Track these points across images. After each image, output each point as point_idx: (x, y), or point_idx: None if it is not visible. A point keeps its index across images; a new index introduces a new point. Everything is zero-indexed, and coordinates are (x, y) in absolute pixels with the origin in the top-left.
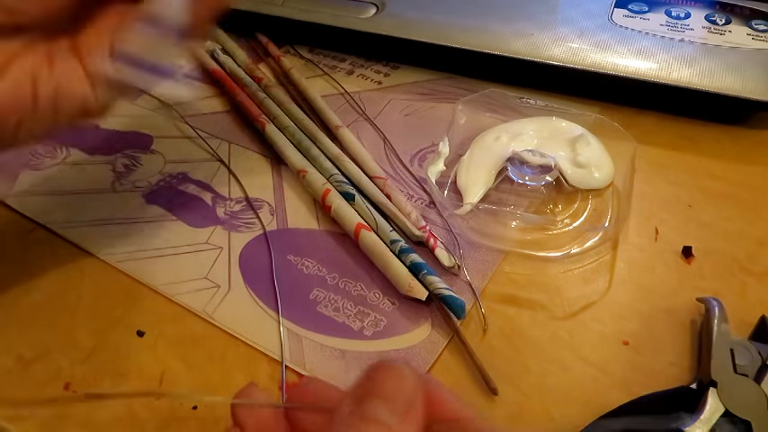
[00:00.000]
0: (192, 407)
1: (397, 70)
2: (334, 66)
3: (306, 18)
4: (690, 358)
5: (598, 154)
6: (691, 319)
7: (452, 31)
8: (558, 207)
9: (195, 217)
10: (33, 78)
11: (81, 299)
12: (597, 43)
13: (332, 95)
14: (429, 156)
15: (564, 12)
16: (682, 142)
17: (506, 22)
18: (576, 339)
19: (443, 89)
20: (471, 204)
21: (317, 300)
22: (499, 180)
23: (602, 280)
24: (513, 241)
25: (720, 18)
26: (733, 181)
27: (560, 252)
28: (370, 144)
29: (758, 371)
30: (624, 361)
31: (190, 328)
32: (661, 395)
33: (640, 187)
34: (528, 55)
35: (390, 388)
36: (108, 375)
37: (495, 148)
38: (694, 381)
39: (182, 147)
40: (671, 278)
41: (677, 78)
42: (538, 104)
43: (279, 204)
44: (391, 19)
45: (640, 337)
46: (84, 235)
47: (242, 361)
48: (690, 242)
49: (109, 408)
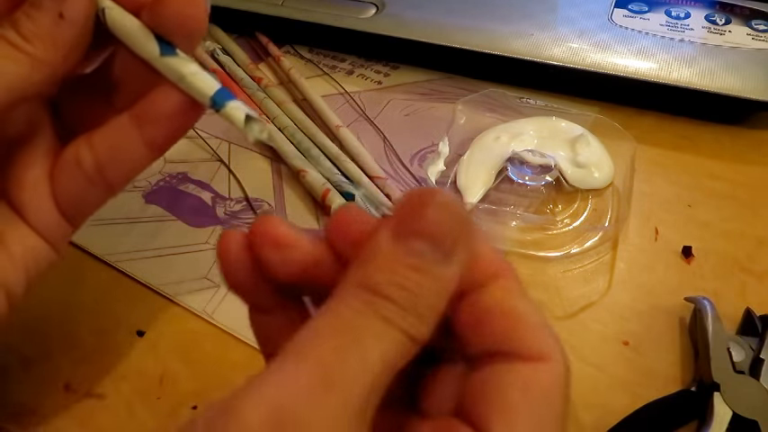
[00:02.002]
0: (192, 407)
1: (397, 70)
2: (334, 66)
3: (306, 18)
4: (690, 358)
5: (598, 154)
6: (691, 320)
7: (452, 31)
8: (557, 207)
9: (195, 217)
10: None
11: (81, 299)
12: (597, 43)
13: (332, 95)
14: (429, 156)
15: (564, 12)
16: (681, 142)
17: (506, 22)
18: (575, 339)
19: (443, 89)
20: (471, 204)
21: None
22: (499, 180)
23: (601, 280)
24: (513, 241)
25: (720, 18)
26: (732, 181)
27: (560, 252)
28: (370, 144)
29: (752, 365)
30: (624, 361)
31: (190, 328)
32: (664, 402)
33: (640, 187)
34: (528, 55)
35: (434, 223)
36: (108, 375)
37: (495, 148)
38: (694, 382)
39: (182, 147)
40: (671, 278)
41: (677, 78)
42: (538, 104)
43: (279, 204)
44: (391, 19)
45: (640, 337)
46: (85, 235)
47: (242, 361)
48: (690, 242)
49: (109, 408)
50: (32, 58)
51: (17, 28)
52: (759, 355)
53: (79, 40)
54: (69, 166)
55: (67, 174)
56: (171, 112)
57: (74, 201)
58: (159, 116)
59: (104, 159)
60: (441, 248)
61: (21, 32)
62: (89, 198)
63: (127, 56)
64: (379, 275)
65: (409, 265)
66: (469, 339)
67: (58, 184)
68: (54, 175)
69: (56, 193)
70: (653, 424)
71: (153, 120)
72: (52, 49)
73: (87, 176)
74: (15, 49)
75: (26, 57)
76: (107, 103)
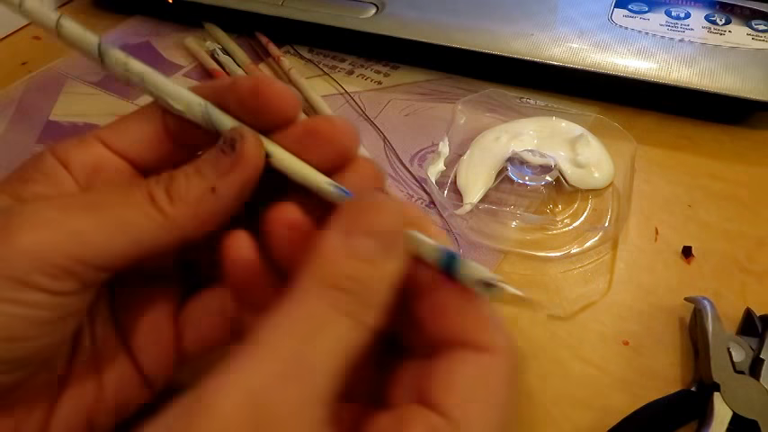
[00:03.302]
0: None
1: (397, 70)
2: (334, 66)
3: (306, 18)
4: (690, 358)
5: (598, 154)
6: (691, 320)
7: (452, 31)
8: (557, 207)
9: None
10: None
11: None
12: (597, 43)
13: (332, 95)
14: (429, 156)
15: (564, 12)
16: (681, 142)
17: (506, 22)
18: (575, 339)
19: (443, 89)
20: (471, 204)
21: None
22: (499, 180)
23: (601, 280)
24: (512, 241)
25: (720, 18)
26: (733, 181)
27: (560, 252)
28: (370, 144)
29: (752, 365)
30: (624, 361)
31: None
32: (664, 402)
33: (640, 187)
34: (528, 55)
35: (378, 221)
36: None
37: (495, 148)
38: (694, 382)
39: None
40: (671, 278)
41: (677, 78)
42: (538, 104)
43: None
44: (391, 19)
45: (640, 337)
46: None
47: None
48: (690, 242)
49: None
50: (166, 218)
51: (168, 185)
52: (759, 355)
53: (223, 213)
54: (208, 307)
55: (203, 313)
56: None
57: (200, 340)
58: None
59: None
60: (384, 243)
61: (169, 191)
62: (217, 337)
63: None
64: (331, 268)
65: (358, 258)
66: (429, 331)
67: (187, 324)
68: (184, 316)
69: (181, 334)
70: (653, 424)
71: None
72: (192, 218)
73: (224, 318)
74: (151, 205)
75: (162, 216)
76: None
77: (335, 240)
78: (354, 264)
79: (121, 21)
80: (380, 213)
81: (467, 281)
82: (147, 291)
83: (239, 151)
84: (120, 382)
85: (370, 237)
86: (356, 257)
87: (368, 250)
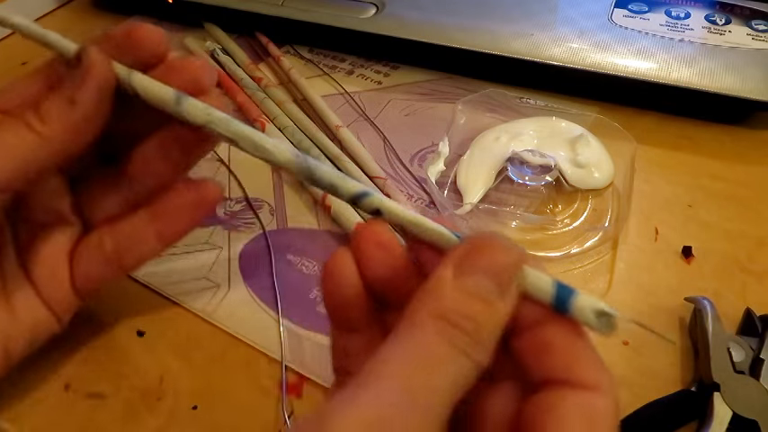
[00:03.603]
0: (192, 407)
1: (397, 70)
2: (334, 66)
3: (306, 18)
4: (690, 358)
5: (598, 154)
6: (691, 320)
7: (452, 31)
8: (557, 207)
9: None
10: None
11: None
12: (597, 43)
13: (332, 95)
14: (429, 156)
15: (564, 12)
16: (682, 142)
17: (506, 22)
18: None
19: (443, 89)
20: (471, 204)
21: (317, 300)
22: (499, 180)
23: (602, 280)
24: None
25: (720, 18)
26: (733, 181)
27: (560, 252)
28: (370, 144)
29: (752, 365)
30: (624, 361)
31: (190, 328)
32: (664, 402)
33: (640, 187)
34: (528, 55)
35: (495, 261)
36: (108, 375)
37: (495, 148)
38: (694, 382)
39: None
40: (671, 278)
41: (677, 78)
42: (538, 104)
43: (279, 204)
44: (391, 19)
45: (640, 337)
46: None
47: (242, 361)
48: (690, 242)
49: (109, 408)
50: (40, 136)
51: (36, 108)
52: (759, 355)
53: (89, 123)
54: (91, 249)
55: (88, 255)
56: (184, 208)
57: (89, 279)
58: (172, 212)
59: (122, 247)
60: (499, 283)
61: (38, 113)
62: (102, 277)
63: (148, 151)
64: (449, 305)
65: (475, 298)
66: (531, 366)
67: (78, 263)
68: (75, 256)
69: (73, 272)
70: (653, 424)
71: (165, 215)
72: (60, 130)
73: (106, 259)
74: (26, 128)
75: (34, 135)
76: (127, 198)
77: (452, 277)
78: (472, 303)
79: (121, 21)
80: (498, 253)
81: (580, 314)
82: (46, 230)
83: (85, 61)
84: (29, 313)
85: (487, 276)
86: (473, 296)
87: (485, 290)
